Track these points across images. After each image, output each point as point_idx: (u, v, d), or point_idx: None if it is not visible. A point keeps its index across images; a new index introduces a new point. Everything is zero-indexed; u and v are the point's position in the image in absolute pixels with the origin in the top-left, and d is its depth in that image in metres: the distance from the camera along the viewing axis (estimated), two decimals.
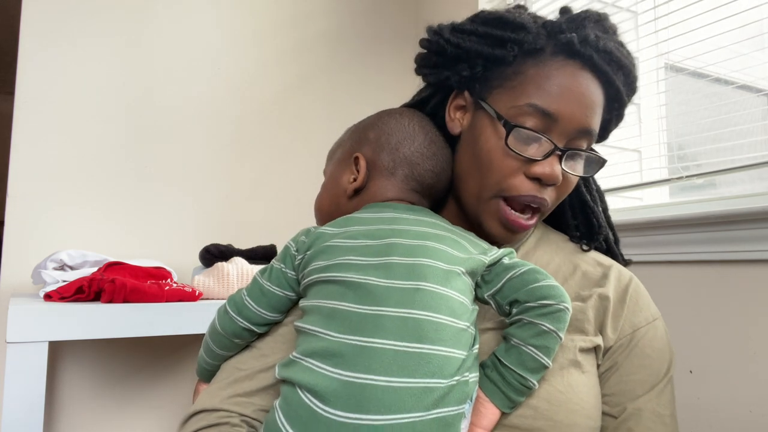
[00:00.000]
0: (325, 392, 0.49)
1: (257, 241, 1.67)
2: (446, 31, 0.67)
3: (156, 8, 1.61)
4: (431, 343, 0.51)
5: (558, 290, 0.56)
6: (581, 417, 0.58)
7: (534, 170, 0.61)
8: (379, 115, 0.72)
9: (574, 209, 0.75)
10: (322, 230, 0.62)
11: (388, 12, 2.02)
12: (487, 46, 0.63)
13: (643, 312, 0.66)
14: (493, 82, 0.65)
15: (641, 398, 0.63)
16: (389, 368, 0.49)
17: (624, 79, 0.65)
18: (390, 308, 0.52)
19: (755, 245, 0.98)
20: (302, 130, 1.83)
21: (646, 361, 0.64)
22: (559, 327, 0.55)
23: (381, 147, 0.68)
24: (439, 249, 0.57)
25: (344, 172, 0.70)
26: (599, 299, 0.65)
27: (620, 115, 0.69)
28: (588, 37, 0.61)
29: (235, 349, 0.67)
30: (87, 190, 1.49)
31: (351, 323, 0.52)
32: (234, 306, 0.65)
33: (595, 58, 0.61)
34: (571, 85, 0.61)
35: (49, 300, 1.07)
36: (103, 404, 1.48)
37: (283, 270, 0.63)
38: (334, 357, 0.51)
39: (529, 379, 0.55)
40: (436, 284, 0.54)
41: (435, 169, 0.68)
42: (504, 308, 0.58)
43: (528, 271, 0.57)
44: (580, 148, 0.63)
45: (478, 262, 0.58)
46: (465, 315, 0.55)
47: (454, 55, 0.66)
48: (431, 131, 0.70)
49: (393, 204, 0.66)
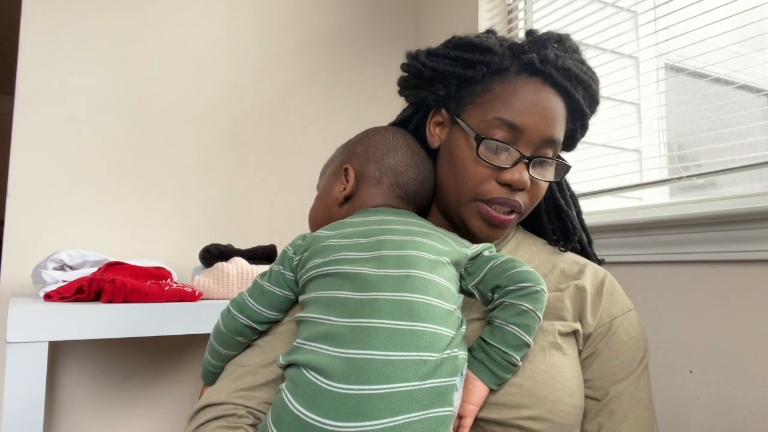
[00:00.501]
0: (329, 369, 0.54)
1: (257, 241, 1.67)
2: (422, 56, 0.75)
3: (156, 8, 1.61)
4: (422, 321, 0.56)
5: (534, 275, 0.63)
6: (564, 394, 0.63)
7: (504, 177, 0.68)
8: (366, 132, 0.80)
9: (550, 214, 0.82)
10: (318, 233, 0.68)
11: (388, 12, 2.02)
12: (459, 68, 0.71)
13: (618, 303, 0.73)
14: (466, 100, 0.72)
15: (621, 383, 0.69)
16: (386, 343, 0.54)
17: (584, 93, 0.72)
18: (384, 293, 0.58)
19: (755, 245, 0.98)
20: (302, 130, 1.83)
21: (623, 347, 0.70)
22: (537, 307, 0.61)
23: (368, 158, 0.76)
24: (425, 243, 0.63)
25: (335, 183, 0.77)
26: (576, 290, 0.71)
27: (584, 125, 0.76)
28: (548, 56, 0.68)
29: (238, 348, 0.71)
30: (87, 190, 1.49)
31: (349, 308, 0.57)
32: (236, 306, 0.70)
33: (554, 75, 0.68)
34: (534, 100, 0.68)
35: (49, 300, 1.07)
36: (103, 404, 1.48)
37: (281, 272, 0.68)
38: (336, 338, 0.56)
39: (512, 355, 0.60)
40: (424, 271, 0.60)
41: (418, 177, 0.75)
42: (487, 296, 0.64)
43: (506, 260, 0.64)
44: (545, 156, 0.70)
45: (461, 254, 0.64)
46: (452, 299, 0.60)
47: (430, 76, 0.74)
48: (413, 144, 0.77)
49: (381, 209, 0.72)
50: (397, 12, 2.04)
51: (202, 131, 1.66)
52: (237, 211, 1.70)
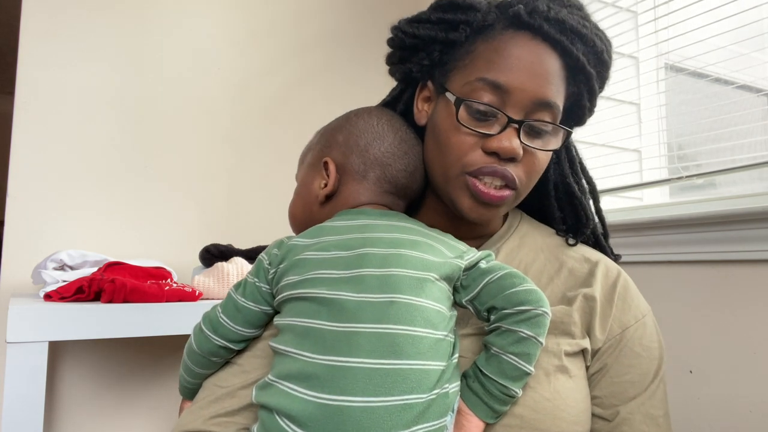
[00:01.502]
0: (302, 416, 0.49)
1: (257, 241, 1.67)
2: (403, 24, 0.68)
3: (156, 8, 1.61)
4: (408, 358, 0.50)
5: (535, 294, 0.55)
6: (568, 423, 0.57)
7: (490, 144, 0.59)
8: (347, 116, 0.71)
9: (561, 201, 0.72)
10: (294, 242, 0.61)
11: (388, 12, 2.02)
12: (441, 32, 0.63)
13: (632, 310, 0.65)
14: (449, 65, 0.64)
15: (633, 401, 0.62)
16: (365, 388, 0.48)
17: (585, 49, 0.61)
18: (364, 324, 0.51)
19: (755, 245, 0.98)
20: (302, 129, 1.82)
21: (636, 360, 0.63)
22: (538, 332, 0.54)
23: (350, 149, 0.67)
24: (412, 256, 0.55)
25: (315, 178, 0.69)
26: (585, 300, 0.63)
27: (592, 89, 0.64)
28: (537, 7, 0.59)
29: (214, 368, 0.65)
30: (87, 190, 1.49)
31: (325, 342, 0.51)
32: (209, 324, 0.64)
33: (545, 27, 0.59)
34: (520, 55, 0.59)
35: (49, 300, 1.07)
36: (102, 404, 1.48)
37: (257, 284, 0.62)
38: (309, 379, 0.50)
39: (511, 388, 0.54)
40: (410, 295, 0.53)
41: (408, 168, 0.67)
42: (482, 314, 0.57)
43: (504, 275, 0.56)
44: (539, 119, 0.60)
45: (454, 267, 0.57)
46: (442, 324, 0.53)
47: (413, 45, 0.67)
48: (401, 129, 0.69)
49: (366, 210, 0.64)
50: (397, 12, 2.03)
51: (202, 131, 1.66)
52: (237, 211, 1.70)
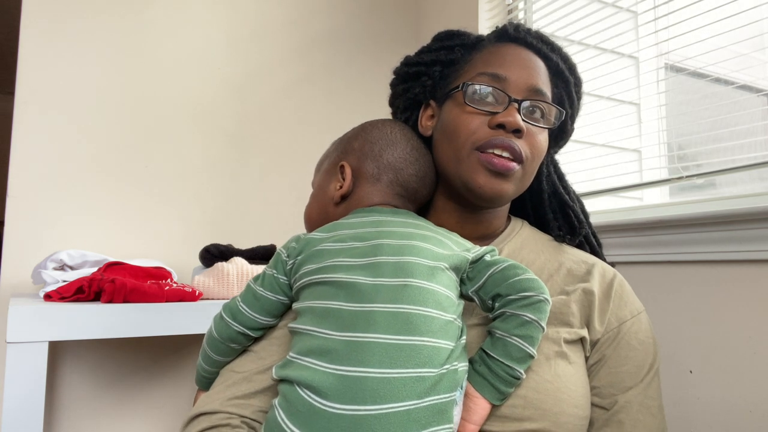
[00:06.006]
0: (323, 387, 0.51)
1: (257, 241, 1.67)
2: (407, 59, 0.80)
3: (156, 8, 1.61)
4: (421, 335, 0.53)
5: (537, 283, 0.60)
6: (569, 405, 0.61)
7: (496, 119, 0.67)
8: (363, 126, 0.77)
9: (555, 211, 0.81)
10: (311, 236, 0.66)
11: (388, 13, 2.02)
12: (441, 55, 0.75)
13: (628, 306, 0.70)
14: (450, 78, 0.74)
15: (630, 391, 0.66)
16: (382, 360, 0.52)
17: (560, 57, 0.74)
18: (380, 304, 0.55)
19: (755, 245, 0.98)
20: (302, 130, 1.83)
21: (632, 353, 0.68)
22: (540, 317, 0.58)
23: (365, 155, 0.73)
24: (423, 247, 0.60)
25: (331, 181, 0.75)
26: (584, 293, 0.69)
27: (570, 94, 0.76)
28: (520, 26, 0.73)
29: (232, 355, 0.69)
30: (87, 190, 1.49)
31: (344, 321, 0.55)
32: (229, 312, 0.68)
33: (528, 38, 0.72)
34: (513, 53, 0.71)
35: (49, 300, 1.07)
36: (103, 404, 1.48)
37: (275, 276, 0.66)
38: (330, 353, 0.53)
39: (516, 369, 0.57)
40: (422, 280, 0.57)
41: (418, 173, 0.72)
42: (487, 303, 0.61)
43: (508, 266, 0.61)
44: (535, 98, 0.69)
45: (462, 259, 0.61)
46: (451, 308, 0.58)
47: (416, 72, 0.78)
48: (413, 138, 0.75)
49: (378, 208, 0.69)
50: (397, 12, 2.04)
51: (203, 131, 1.66)
52: (237, 211, 1.70)
